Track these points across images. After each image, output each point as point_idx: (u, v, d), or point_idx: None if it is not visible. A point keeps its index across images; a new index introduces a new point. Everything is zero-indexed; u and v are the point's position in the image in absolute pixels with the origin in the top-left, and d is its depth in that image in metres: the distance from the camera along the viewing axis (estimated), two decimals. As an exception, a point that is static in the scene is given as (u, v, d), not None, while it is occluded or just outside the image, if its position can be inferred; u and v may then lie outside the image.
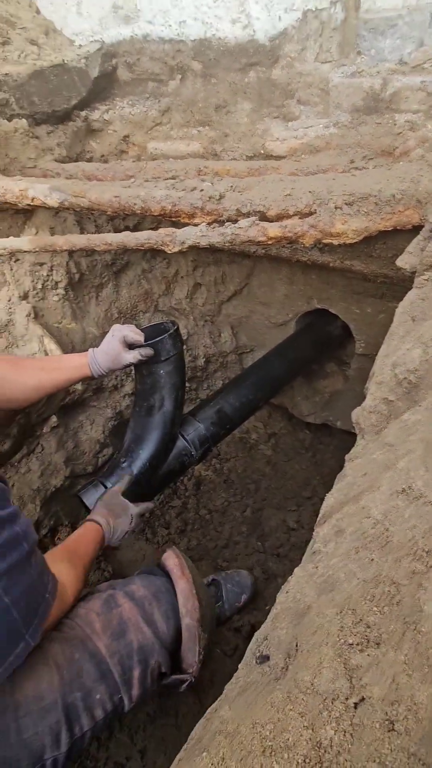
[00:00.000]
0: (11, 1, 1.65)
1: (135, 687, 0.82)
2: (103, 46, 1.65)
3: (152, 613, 0.87)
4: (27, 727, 0.71)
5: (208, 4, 1.35)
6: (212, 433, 1.40)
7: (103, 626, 0.83)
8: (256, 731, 0.36)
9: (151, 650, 0.84)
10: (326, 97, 1.28)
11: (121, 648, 0.82)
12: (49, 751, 0.73)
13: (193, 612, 0.90)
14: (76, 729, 0.75)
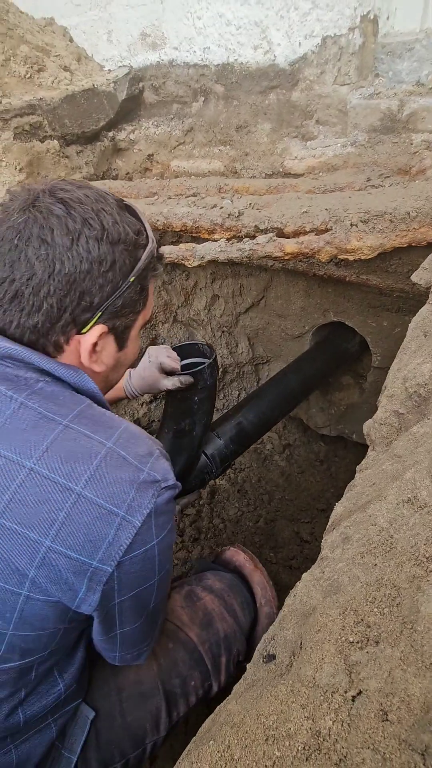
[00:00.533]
0: (47, 32, 1.76)
1: (222, 673, 0.85)
2: (131, 71, 1.74)
3: (232, 603, 0.91)
4: (130, 710, 0.75)
5: (231, 31, 1.41)
6: (232, 451, 1.42)
7: (190, 618, 0.87)
8: (260, 721, 0.38)
9: (234, 639, 0.88)
10: (344, 117, 1.32)
11: (210, 637, 0.86)
12: (150, 735, 0.76)
13: (272, 601, 0.94)
14: (173, 714, 0.79)
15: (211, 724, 0.46)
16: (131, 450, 0.57)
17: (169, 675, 0.80)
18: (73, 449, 0.54)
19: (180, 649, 0.82)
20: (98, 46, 1.78)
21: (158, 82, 1.71)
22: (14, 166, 1.47)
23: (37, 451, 0.53)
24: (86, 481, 0.53)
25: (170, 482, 0.59)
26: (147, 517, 0.55)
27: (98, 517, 0.53)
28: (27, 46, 1.65)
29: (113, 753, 0.72)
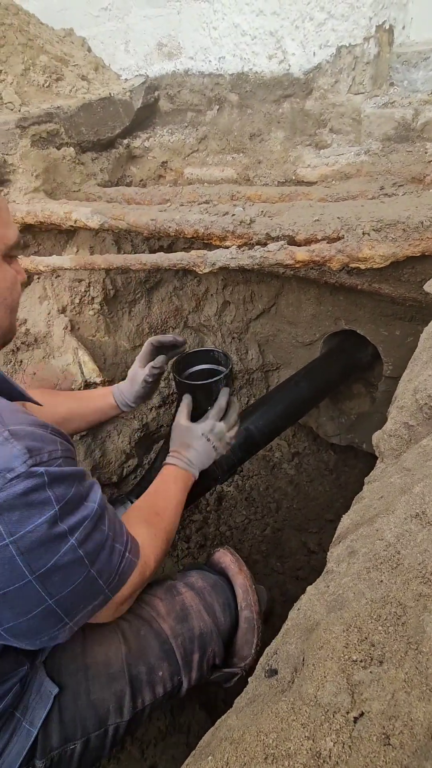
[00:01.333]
0: (66, 42, 1.80)
1: (194, 670, 0.84)
2: (147, 80, 1.77)
3: (212, 603, 0.89)
4: (96, 689, 0.75)
5: (246, 41, 1.42)
6: (239, 458, 1.41)
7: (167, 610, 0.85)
8: (259, 739, 0.37)
9: (209, 638, 0.86)
10: (358, 126, 1.32)
11: (184, 631, 0.84)
12: (113, 717, 0.75)
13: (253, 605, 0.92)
14: (138, 701, 0.78)
15: (210, 738, 0.46)
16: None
17: (137, 661, 0.79)
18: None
19: (151, 638, 0.82)
20: (116, 56, 1.82)
21: (173, 90, 1.73)
22: (31, 173, 1.50)
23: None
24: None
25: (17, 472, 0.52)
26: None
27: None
28: (46, 56, 1.69)
29: (75, 729, 0.72)
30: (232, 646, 0.91)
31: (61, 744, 0.71)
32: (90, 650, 0.78)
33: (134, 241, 1.74)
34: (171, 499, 0.90)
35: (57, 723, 0.71)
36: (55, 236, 1.63)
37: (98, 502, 0.63)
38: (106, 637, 0.79)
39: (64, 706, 0.72)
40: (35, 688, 0.71)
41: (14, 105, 1.57)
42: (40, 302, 1.56)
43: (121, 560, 0.67)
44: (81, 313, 1.62)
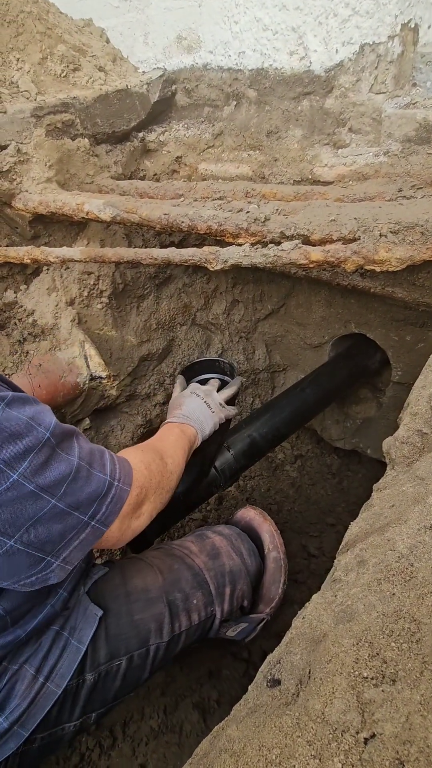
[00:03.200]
0: (85, 32, 1.79)
1: (226, 602, 0.90)
2: (164, 73, 1.75)
3: (239, 547, 0.97)
4: (137, 611, 0.82)
5: (267, 36, 1.40)
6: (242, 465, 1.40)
7: (198, 549, 0.93)
8: (262, 754, 0.36)
9: (239, 575, 0.92)
10: (378, 126, 1.29)
11: (215, 566, 0.91)
12: (153, 638, 0.82)
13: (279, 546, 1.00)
14: (175, 625, 0.84)
15: (208, 748, 0.44)
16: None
17: (172, 588, 0.85)
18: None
19: (184, 570, 0.88)
20: (134, 47, 1.80)
21: (191, 85, 1.71)
22: (44, 163, 1.49)
23: None
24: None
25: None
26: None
27: None
28: (64, 46, 1.68)
29: (120, 647, 0.79)
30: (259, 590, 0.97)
31: (108, 660, 0.77)
32: (129, 580, 0.84)
33: (145, 235, 1.72)
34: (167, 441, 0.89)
35: (103, 641, 0.78)
36: (66, 228, 1.62)
37: (51, 428, 0.59)
38: (142, 570, 0.86)
39: (110, 626, 0.79)
40: (81, 612, 0.77)
41: (30, 94, 1.56)
42: (48, 294, 1.55)
43: (106, 489, 0.64)
44: (89, 307, 1.61)
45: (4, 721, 0.68)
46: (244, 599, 0.94)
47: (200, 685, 1.35)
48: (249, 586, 0.95)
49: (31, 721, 0.70)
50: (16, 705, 0.69)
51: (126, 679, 0.80)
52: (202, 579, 0.89)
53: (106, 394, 1.67)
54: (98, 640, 0.78)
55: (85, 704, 0.76)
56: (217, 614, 0.90)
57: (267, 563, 0.99)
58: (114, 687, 0.79)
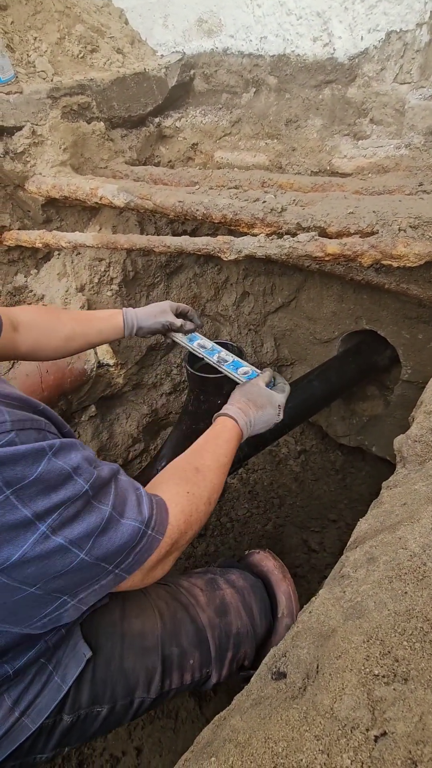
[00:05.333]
0: (104, 13, 1.75)
1: (225, 667, 0.83)
2: (183, 57, 1.72)
3: (251, 605, 0.88)
4: (128, 658, 0.75)
5: (291, 21, 1.37)
6: (246, 453, 1.39)
7: (206, 601, 0.84)
8: (268, 746, 0.35)
9: (245, 638, 0.85)
10: (400, 118, 1.26)
11: (222, 626, 0.83)
12: (140, 691, 0.75)
13: (295, 614, 0.89)
14: (166, 682, 0.77)
15: (212, 737, 0.44)
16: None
17: (170, 641, 0.78)
18: None
19: (187, 623, 0.81)
20: (153, 30, 1.76)
21: (210, 70, 1.68)
22: (59, 145, 1.47)
23: None
24: None
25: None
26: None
27: None
28: (83, 26, 1.65)
29: (105, 693, 0.73)
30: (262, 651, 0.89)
31: (90, 704, 0.72)
32: (127, 619, 0.77)
33: (158, 223, 1.70)
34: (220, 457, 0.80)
35: (88, 683, 0.72)
36: (79, 212, 1.61)
37: (92, 480, 0.56)
38: (143, 611, 0.79)
39: (97, 669, 0.73)
40: (70, 647, 0.72)
41: (47, 74, 1.53)
42: (59, 279, 1.54)
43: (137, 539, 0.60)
44: (99, 293, 1.60)
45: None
46: (246, 660, 0.86)
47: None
48: (253, 648, 0.87)
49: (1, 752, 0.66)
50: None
51: (104, 724, 0.75)
52: (204, 637, 0.81)
53: (112, 382, 1.66)
54: (83, 681, 0.72)
55: (59, 740, 0.72)
56: (213, 678, 0.82)
57: (278, 627, 0.89)
58: (91, 729, 0.74)
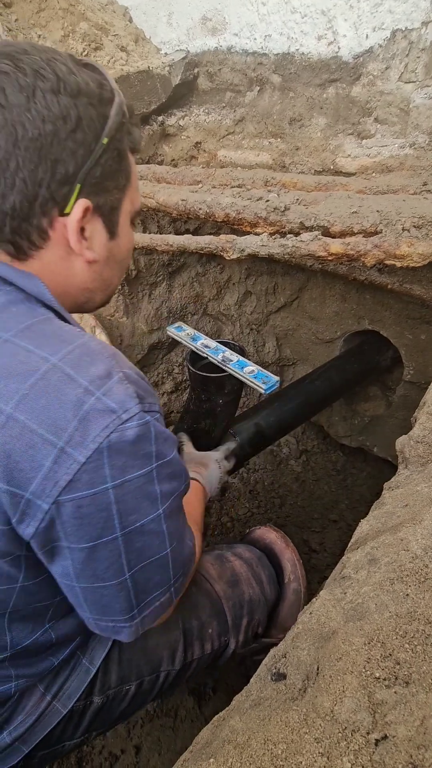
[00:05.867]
0: (108, 11, 1.75)
1: (241, 633, 0.87)
2: (187, 55, 1.71)
3: (260, 573, 0.92)
4: (152, 636, 0.78)
5: (295, 19, 1.36)
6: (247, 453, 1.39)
7: (218, 574, 0.88)
8: (267, 748, 0.35)
9: (257, 605, 0.88)
10: (405, 117, 1.25)
11: (234, 595, 0.87)
12: (165, 664, 0.78)
13: (301, 578, 0.95)
14: (188, 653, 0.81)
15: (210, 737, 0.44)
16: (83, 369, 0.48)
17: (189, 615, 0.82)
18: (7, 365, 0.47)
19: (202, 596, 0.84)
20: (157, 28, 1.76)
21: (214, 68, 1.67)
22: (62, 143, 1.47)
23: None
24: (17, 401, 0.46)
25: (132, 413, 0.48)
26: (95, 453, 0.46)
27: (31, 444, 0.46)
28: (87, 24, 1.64)
29: (131, 671, 0.76)
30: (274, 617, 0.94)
31: (118, 684, 0.75)
32: None
33: (161, 222, 1.70)
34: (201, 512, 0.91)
35: (116, 664, 0.75)
36: (82, 210, 1.60)
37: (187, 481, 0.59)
38: None
39: (123, 650, 0.76)
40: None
41: (50, 71, 1.53)
42: (62, 276, 1.54)
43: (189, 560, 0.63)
44: (101, 291, 1.60)
45: (7, 736, 0.66)
46: (260, 627, 0.91)
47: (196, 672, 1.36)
48: (266, 615, 0.91)
49: (33, 738, 0.68)
50: (21, 721, 0.67)
51: (133, 702, 0.78)
52: (220, 608, 0.85)
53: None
54: (110, 663, 0.75)
55: (89, 725, 0.74)
56: (231, 645, 0.86)
57: (286, 593, 0.93)
58: (119, 709, 0.77)
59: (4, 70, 0.48)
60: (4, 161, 0.49)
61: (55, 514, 0.47)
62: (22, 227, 0.52)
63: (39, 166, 0.50)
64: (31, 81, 0.48)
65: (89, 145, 0.52)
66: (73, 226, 0.54)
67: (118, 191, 0.58)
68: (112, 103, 0.54)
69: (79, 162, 0.52)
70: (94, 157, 0.53)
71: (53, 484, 0.46)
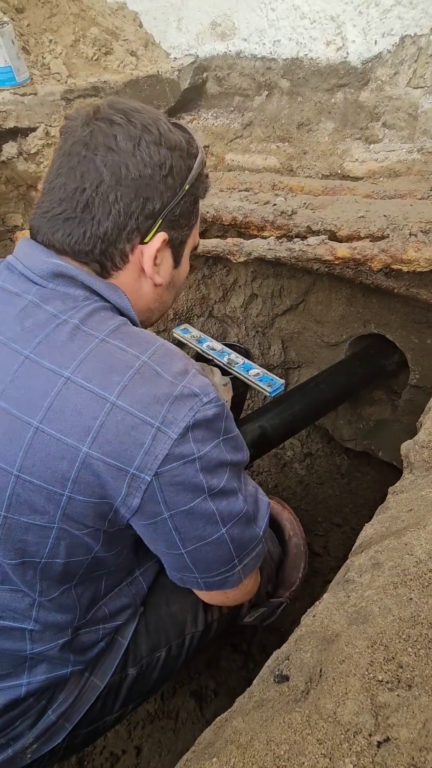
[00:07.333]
0: (118, 15, 1.77)
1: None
2: (196, 60, 1.73)
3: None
4: (173, 602, 0.82)
5: (305, 25, 1.37)
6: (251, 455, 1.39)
7: None
8: (270, 748, 0.35)
9: (265, 563, 0.92)
10: (413, 122, 1.26)
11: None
12: (190, 627, 0.83)
13: (300, 533, 1.01)
14: (209, 614, 0.85)
15: (213, 738, 0.44)
16: (166, 366, 0.58)
17: None
18: (108, 361, 0.56)
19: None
20: (167, 33, 1.78)
21: (223, 73, 1.69)
22: (72, 146, 1.48)
23: (74, 362, 0.55)
24: (120, 391, 0.55)
25: (211, 397, 0.59)
26: (184, 430, 0.56)
27: (133, 426, 0.54)
28: (97, 29, 1.66)
29: (160, 639, 0.80)
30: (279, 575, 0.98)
31: (149, 653, 0.79)
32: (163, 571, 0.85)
33: (168, 224, 1.71)
34: None
35: (144, 635, 0.79)
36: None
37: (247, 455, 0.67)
38: None
39: (149, 619, 0.80)
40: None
41: (61, 76, 1.55)
42: (70, 278, 1.56)
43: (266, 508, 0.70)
44: (108, 293, 1.61)
45: (52, 714, 0.69)
46: (269, 584, 0.94)
47: (198, 674, 1.36)
48: (274, 571, 0.95)
49: (75, 714, 0.71)
50: (64, 698, 0.70)
51: (164, 669, 0.82)
52: None
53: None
54: (139, 634, 0.79)
55: (126, 697, 0.78)
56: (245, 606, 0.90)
57: (288, 549, 0.99)
58: (153, 678, 0.80)
59: (117, 122, 0.59)
60: (105, 193, 0.59)
61: (155, 485, 0.56)
62: (109, 250, 0.62)
63: (133, 201, 0.60)
64: (139, 133, 0.59)
65: (175, 189, 0.63)
66: (150, 254, 0.64)
67: (188, 228, 0.69)
68: (196, 158, 0.66)
69: (164, 201, 0.63)
70: (177, 199, 0.64)
71: (153, 459, 0.55)
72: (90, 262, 0.62)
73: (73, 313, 0.58)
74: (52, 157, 0.63)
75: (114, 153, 0.58)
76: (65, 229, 0.60)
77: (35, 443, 0.54)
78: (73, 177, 0.59)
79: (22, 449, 0.55)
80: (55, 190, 0.60)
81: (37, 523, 0.57)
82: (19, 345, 0.57)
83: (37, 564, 0.60)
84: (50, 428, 0.54)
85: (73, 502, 0.56)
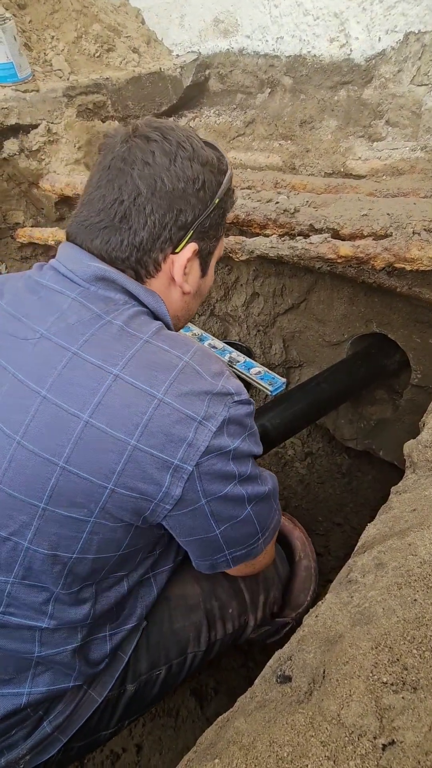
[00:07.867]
0: (121, 12, 1.76)
1: (259, 610, 0.91)
2: (199, 57, 1.72)
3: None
4: (177, 619, 0.83)
5: (308, 21, 1.36)
6: None
7: None
8: (273, 750, 0.35)
9: (272, 583, 0.93)
10: (417, 120, 1.25)
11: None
12: (192, 646, 0.83)
13: (311, 555, 1.01)
14: (212, 633, 0.86)
15: (215, 738, 0.44)
16: (205, 366, 0.62)
17: (210, 597, 0.87)
18: (153, 360, 0.60)
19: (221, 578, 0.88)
20: (169, 30, 1.77)
21: (225, 70, 1.68)
22: (74, 144, 1.48)
23: (122, 360, 0.59)
24: (166, 388, 0.58)
25: (243, 397, 0.64)
26: (221, 423, 0.61)
27: (178, 420, 0.58)
28: (99, 25, 1.66)
29: (160, 656, 0.80)
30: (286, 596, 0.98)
31: (149, 670, 0.79)
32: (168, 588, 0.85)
33: (170, 222, 1.71)
34: None
35: (144, 650, 0.79)
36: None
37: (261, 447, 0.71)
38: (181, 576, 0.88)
39: (151, 635, 0.80)
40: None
41: (63, 73, 1.54)
42: (71, 275, 1.55)
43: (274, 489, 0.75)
44: (110, 291, 1.60)
45: (48, 725, 0.69)
46: (275, 605, 0.95)
47: (198, 673, 1.36)
48: (280, 591, 0.95)
49: (70, 728, 0.71)
50: (60, 710, 0.70)
51: (163, 686, 0.81)
52: (238, 588, 0.89)
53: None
54: (140, 649, 0.79)
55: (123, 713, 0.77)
56: (251, 622, 0.90)
57: (298, 570, 0.98)
58: (151, 694, 0.80)
59: (154, 139, 0.64)
60: (142, 205, 0.63)
61: (195, 475, 0.60)
62: (143, 258, 0.65)
63: (168, 213, 0.64)
64: (174, 149, 0.64)
65: (206, 203, 0.67)
66: (181, 263, 0.68)
67: (216, 240, 0.73)
68: (226, 174, 0.70)
69: (196, 214, 0.67)
70: (207, 212, 0.68)
71: (195, 450, 0.59)
72: (126, 269, 0.65)
73: (116, 315, 0.62)
74: (91, 172, 0.66)
75: (150, 167, 0.62)
76: (103, 236, 0.64)
77: (85, 436, 0.57)
78: (112, 189, 0.63)
79: (71, 441, 0.57)
80: (93, 202, 0.64)
81: (74, 516, 0.59)
82: (65, 341, 0.60)
83: (68, 559, 0.62)
84: (99, 422, 0.57)
85: (115, 495, 0.59)
